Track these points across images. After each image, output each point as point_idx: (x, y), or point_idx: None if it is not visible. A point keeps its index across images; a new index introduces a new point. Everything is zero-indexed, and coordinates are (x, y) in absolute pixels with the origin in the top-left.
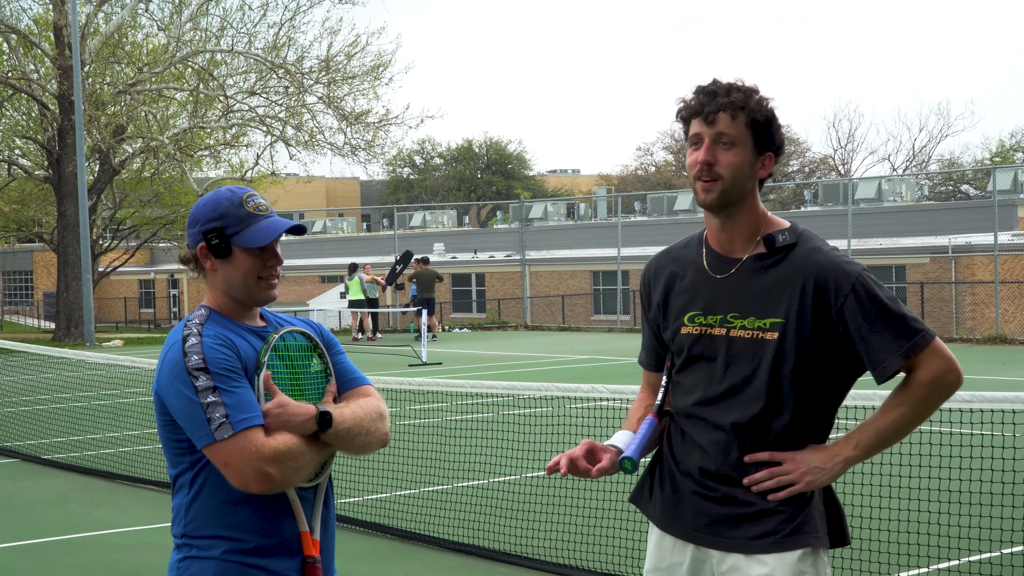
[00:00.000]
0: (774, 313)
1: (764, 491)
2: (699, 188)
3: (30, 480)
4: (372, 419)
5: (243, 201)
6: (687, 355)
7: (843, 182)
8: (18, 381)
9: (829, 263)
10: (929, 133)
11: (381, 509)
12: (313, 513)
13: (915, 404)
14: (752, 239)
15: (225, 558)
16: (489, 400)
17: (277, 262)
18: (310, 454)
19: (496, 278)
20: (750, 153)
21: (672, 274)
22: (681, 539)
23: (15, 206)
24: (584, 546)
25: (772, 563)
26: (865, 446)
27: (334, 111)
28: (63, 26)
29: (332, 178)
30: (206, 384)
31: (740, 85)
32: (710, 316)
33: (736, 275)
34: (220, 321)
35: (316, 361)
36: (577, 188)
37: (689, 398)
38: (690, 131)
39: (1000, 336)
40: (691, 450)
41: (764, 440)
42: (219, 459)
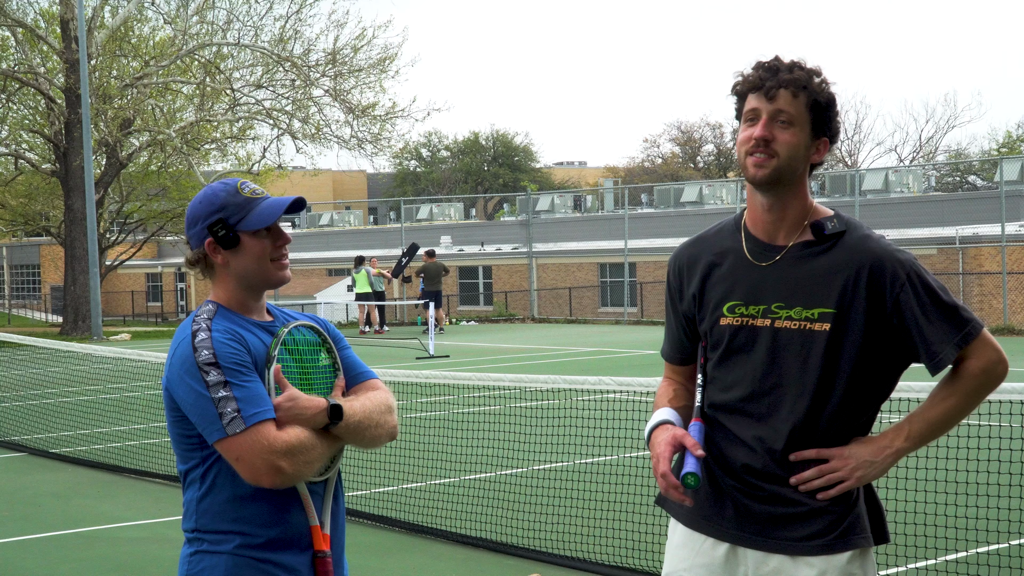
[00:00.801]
0: (824, 303)
1: (813, 490)
2: (751, 163)
3: (37, 474)
4: (381, 412)
5: (238, 189)
6: (726, 347)
7: (850, 173)
8: (25, 375)
9: (883, 251)
10: (936, 124)
11: (388, 502)
12: (323, 507)
13: (966, 394)
14: (798, 226)
15: (237, 552)
16: (496, 393)
17: (285, 241)
18: (321, 447)
19: (503, 270)
20: (807, 135)
21: (709, 262)
22: (718, 539)
23: (22, 200)
24: (591, 539)
25: (820, 566)
26: (916, 437)
27: (341, 104)
28: (69, 20)
29: (339, 171)
30: (217, 379)
31: (803, 64)
32: (752, 306)
33: (781, 262)
34: (228, 316)
35: (324, 356)
36: (584, 180)
37: (730, 393)
38: (746, 106)
39: (1008, 327)
40: (734, 447)
41: (812, 436)
42: (231, 454)
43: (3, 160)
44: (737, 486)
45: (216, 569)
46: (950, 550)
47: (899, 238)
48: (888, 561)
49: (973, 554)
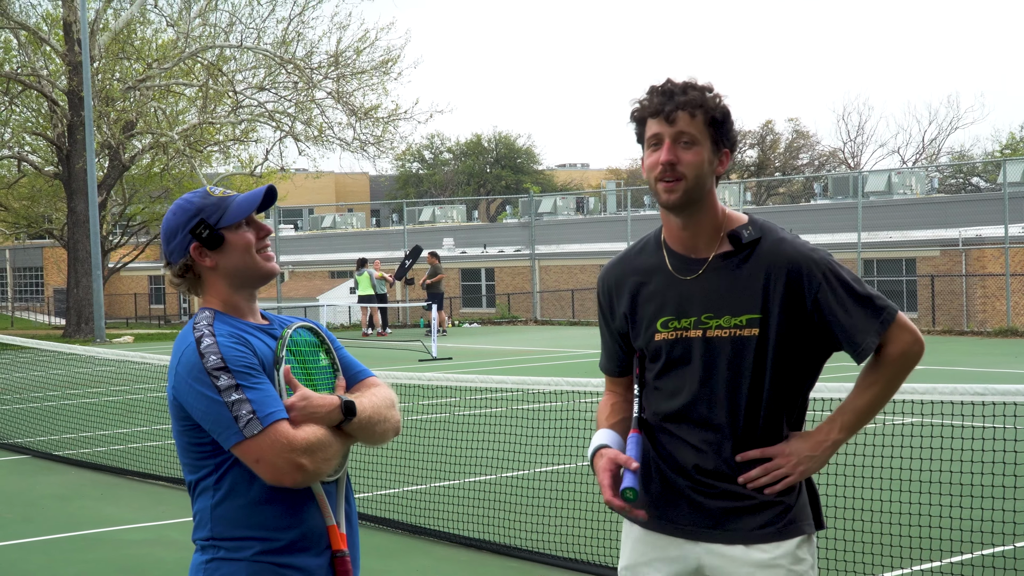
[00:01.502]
0: (749, 309)
1: (759, 487)
2: (661, 189)
3: (40, 476)
4: (387, 407)
5: (207, 192)
6: (665, 360)
7: (853, 175)
8: (28, 377)
9: (798, 253)
10: (939, 126)
11: (392, 504)
12: (337, 506)
13: (888, 379)
14: (715, 237)
15: (256, 559)
16: (499, 395)
17: (267, 231)
18: (337, 445)
19: (506, 272)
20: (709, 151)
21: (636, 282)
22: (674, 536)
23: (25, 202)
24: (594, 540)
25: (774, 552)
26: (849, 426)
27: (343, 106)
28: (72, 22)
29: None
30: (228, 383)
31: (696, 84)
32: (684, 319)
33: (704, 275)
34: (227, 321)
35: (324, 356)
36: (586, 182)
37: (673, 401)
38: (647, 132)
39: (1011, 329)
40: (683, 449)
41: (753, 432)
42: (250, 456)
43: (6, 162)
44: (690, 485)
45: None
46: (955, 552)
47: (902, 240)
48: (893, 563)
49: (979, 556)
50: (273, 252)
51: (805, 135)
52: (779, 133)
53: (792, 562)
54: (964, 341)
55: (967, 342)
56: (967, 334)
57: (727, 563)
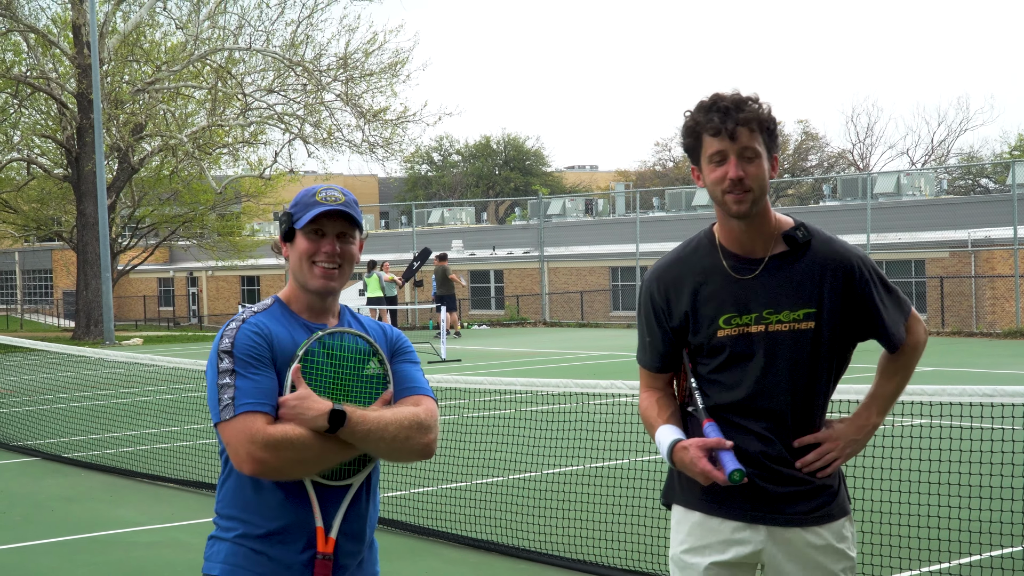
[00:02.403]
0: (806, 303)
1: (813, 471)
2: (731, 200)
3: (50, 478)
4: (403, 426)
5: (316, 192)
6: (728, 355)
7: (862, 177)
8: (37, 379)
9: (847, 251)
10: (948, 127)
11: (400, 506)
12: (337, 512)
13: (908, 366)
14: (771, 238)
15: (237, 541)
16: (508, 397)
17: (330, 248)
18: (319, 450)
19: (514, 274)
20: (767, 160)
21: (696, 282)
22: (734, 519)
23: (35, 205)
24: (603, 542)
25: (825, 534)
26: (883, 410)
27: (352, 108)
28: (81, 25)
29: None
30: (227, 367)
31: (747, 98)
32: (745, 316)
33: (763, 273)
34: (281, 311)
35: (374, 365)
36: (595, 184)
37: (735, 392)
38: (708, 148)
39: (1020, 330)
40: (746, 438)
41: (808, 420)
42: (224, 439)
43: (16, 165)
44: (756, 472)
45: (219, 555)
46: (964, 553)
47: (911, 241)
48: (902, 565)
49: (987, 557)
50: (331, 269)
51: (814, 137)
52: (788, 135)
53: (838, 540)
54: (973, 342)
55: (976, 343)
56: (976, 335)
57: (785, 546)
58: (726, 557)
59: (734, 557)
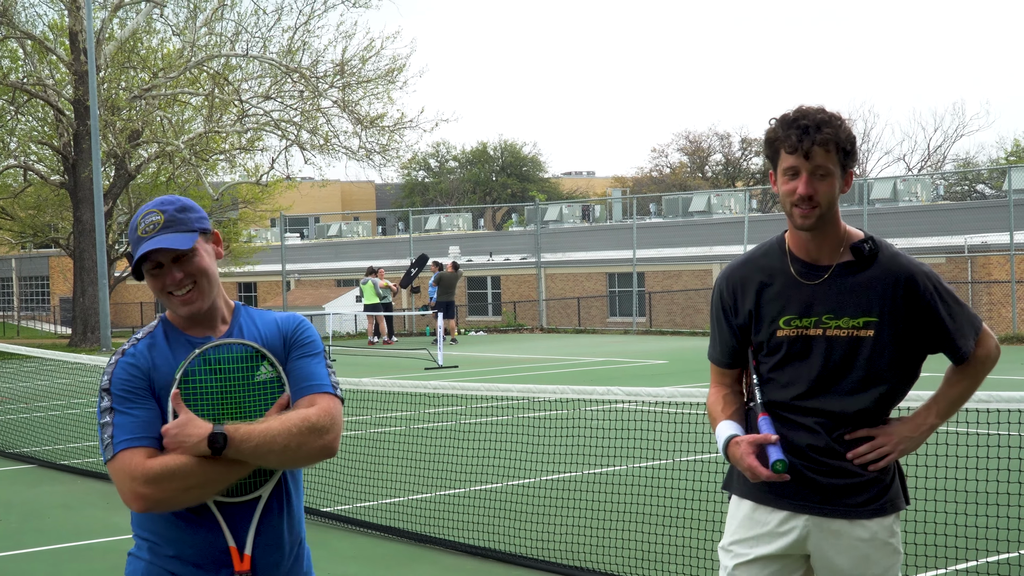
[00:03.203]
0: (868, 312)
1: (865, 463)
2: (797, 214)
3: (46, 485)
4: (292, 434)
5: (138, 223)
6: (785, 354)
7: (858, 182)
8: (34, 386)
9: (912, 266)
10: (944, 133)
11: (397, 513)
12: (248, 528)
13: (976, 376)
14: (838, 248)
15: (151, 561)
16: (505, 403)
17: (173, 279)
18: (205, 475)
19: (512, 281)
20: (839, 178)
21: (761, 282)
22: (784, 509)
23: (31, 212)
24: (600, 548)
25: (872, 527)
26: (943, 413)
27: (349, 115)
28: (78, 32)
29: (347, 182)
30: (106, 405)
31: (828, 117)
32: (805, 319)
33: (828, 280)
34: (165, 332)
35: (265, 370)
36: (592, 190)
37: (789, 390)
38: (784, 163)
39: (1017, 336)
40: (797, 432)
41: (862, 419)
42: (112, 478)
43: (12, 172)
44: (804, 464)
45: (135, 574)
46: (959, 559)
47: (908, 247)
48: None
49: (983, 563)
50: (191, 293)
51: None
52: None
53: (888, 535)
54: None
55: None
56: None
57: (830, 536)
58: (772, 549)
59: (780, 549)
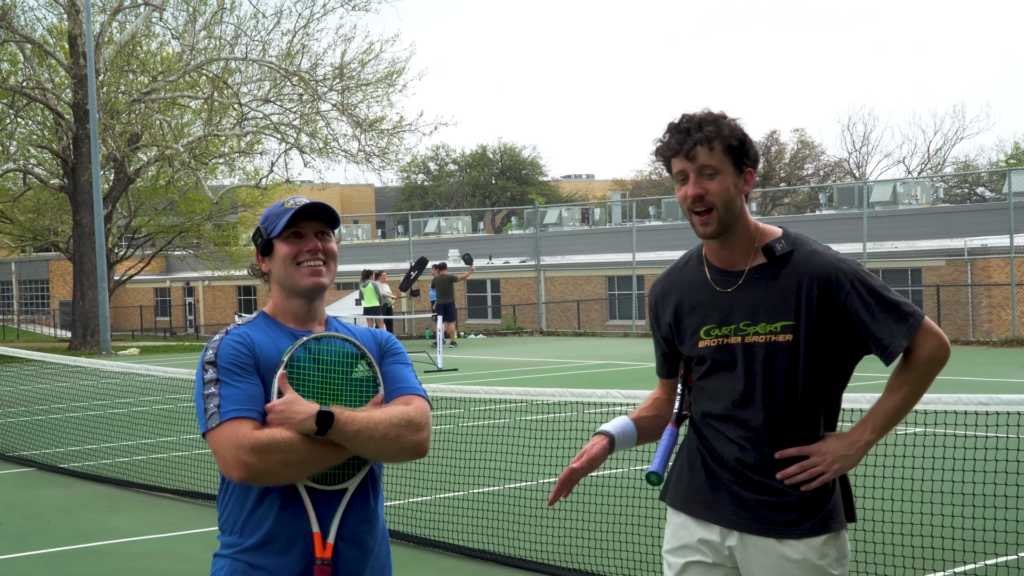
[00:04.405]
0: (784, 316)
1: (796, 483)
2: (697, 222)
3: (46, 488)
4: (393, 425)
5: (284, 203)
6: (710, 365)
7: (858, 185)
8: (34, 390)
9: (828, 264)
10: (944, 136)
11: (396, 516)
12: (333, 517)
13: (916, 382)
14: (750, 251)
15: (237, 557)
16: (504, 406)
17: (313, 246)
18: (307, 452)
19: (511, 284)
20: (733, 176)
21: (680, 295)
22: (713, 523)
23: (31, 215)
24: (599, 551)
25: (802, 549)
26: (880, 428)
27: (348, 118)
28: (77, 35)
29: (346, 185)
30: (212, 376)
31: (710, 116)
32: (724, 327)
33: (742, 286)
34: (266, 323)
35: (363, 368)
36: (592, 193)
37: (718, 403)
38: (673, 169)
39: (1017, 338)
40: (727, 445)
41: (790, 431)
42: (211, 447)
43: (12, 175)
44: (732, 479)
45: (221, 572)
46: (958, 562)
47: (907, 250)
48: (896, 573)
49: (982, 566)
50: (318, 267)
51: (810, 145)
52: (784, 143)
53: (818, 557)
54: (969, 351)
55: (973, 352)
56: (972, 344)
57: (757, 553)
58: (704, 559)
59: (712, 560)
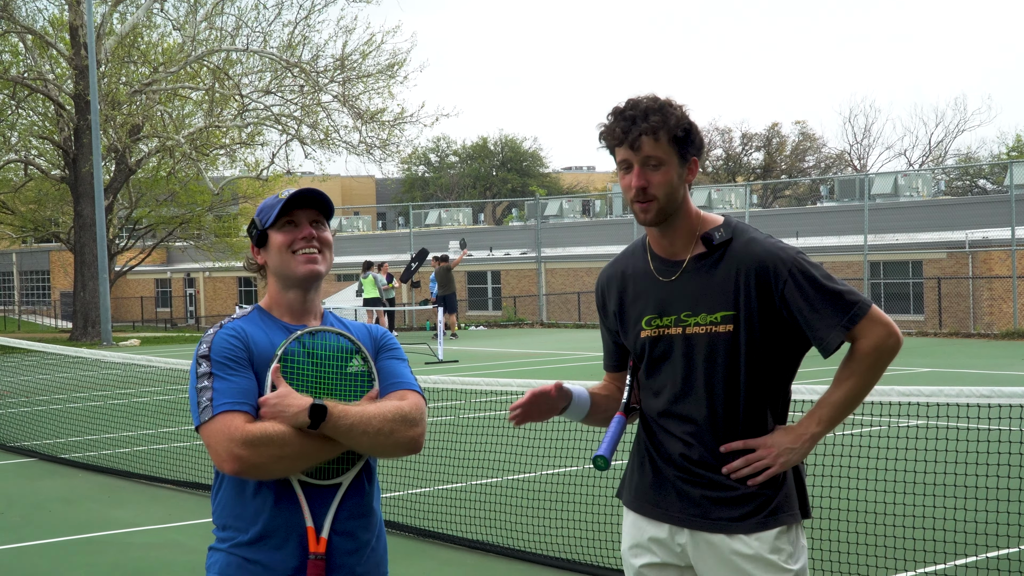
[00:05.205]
0: (724, 307)
1: (742, 477)
2: (638, 209)
3: (47, 479)
4: (387, 420)
5: (278, 195)
6: (649, 357)
7: (859, 178)
8: (35, 380)
9: (765, 252)
10: (945, 128)
11: (397, 507)
12: (327, 512)
13: (863, 373)
14: (691, 240)
15: (231, 551)
16: (505, 398)
17: (307, 234)
18: (300, 445)
19: (512, 275)
20: (677, 166)
21: (623, 283)
22: (663, 522)
23: (32, 206)
24: (599, 543)
25: (753, 543)
26: (827, 420)
27: (349, 110)
28: (79, 26)
29: (347, 177)
30: (205, 370)
31: (656, 105)
32: (665, 318)
33: (682, 276)
34: (260, 317)
35: (357, 363)
36: (592, 185)
37: (660, 398)
38: (617, 157)
39: (1018, 331)
40: (671, 441)
41: (734, 425)
42: (204, 440)
43: (13, 166)
44: (678, 475)
45: (215, 566)
46: (960, 555)
47: (909, 242)
48: (898, 566)
49: (983, 558)
50: (313, 254)
51: (811, 137)
52: (785, 136)
53: (770, 551)
54: (971, 343)
55: (974, 344)
56: (974, 336)
57: (708, 550)
58: (656, 559)
59: (663, 559)
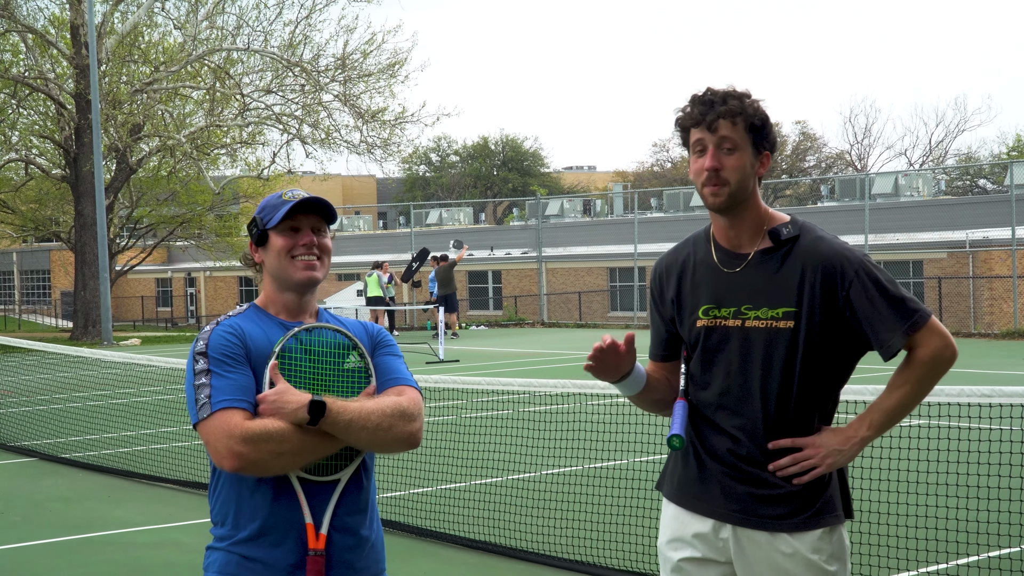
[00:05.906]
0: (786, 302)
1: (788, 476)
2: (708, 193)
3: (47, 478)
4: (385, 415)
5: (282, 195)
6: (703, 347)
7: (860, 177)
8: (35, 380)
9: (833, 252)
10: (946, 128)
11: (398, 507)
12: (326, 508)
13: (918, 381)
14: (758, 234)
15: (230, 549)
16: (506, 397)
17: (308, 241)
18: (299, 442)
19: (513, 275)
20: (751, 155)
21: (683, 271)
22: (705, 516)
23: (32, 205)
24: (601, 543)
25: (795, 543)
26: (878, 425)
27: (350, 109)
28: (79, 25)
29: (348, 176)
30: (203, 367)
31: (735, 92)
32: (724, 309)
33: (746, 269)
34: (257, 314)
35: (354, 359)
36: (593, 185)
37: (709, 390)
38: (692, 139)
39: (1018, 331)
40: (718, 435)
41: (784, 423)
42: (203, 437)
43: (14, 165)
44: (723, 470)
45: (214, 565)
46: (962, 554)
47: (909, 242)
48: (900, 565)
49: (985, 558)
50: (312, 261)
51: (812, 137)
52: (786, 135)
53: (811, 551)
54: (971, 343)
55: (974, 344)
56: (974, 336)
57: (750, 547)
58: (697, 554)
59: (704, 555)
